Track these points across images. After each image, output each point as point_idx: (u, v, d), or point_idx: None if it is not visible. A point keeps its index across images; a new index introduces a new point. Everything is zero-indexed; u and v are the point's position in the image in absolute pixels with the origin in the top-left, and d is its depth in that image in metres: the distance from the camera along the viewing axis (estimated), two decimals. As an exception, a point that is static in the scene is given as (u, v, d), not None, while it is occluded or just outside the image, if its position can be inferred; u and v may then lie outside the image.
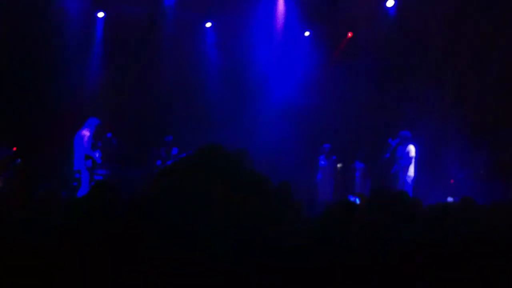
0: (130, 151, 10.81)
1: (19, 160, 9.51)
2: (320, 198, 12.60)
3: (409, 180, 10.90)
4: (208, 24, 14.07)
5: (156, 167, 11.11)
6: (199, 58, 13.80)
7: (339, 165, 13.37)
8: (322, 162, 12.89)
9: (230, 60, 13.73)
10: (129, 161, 10.84)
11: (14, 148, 9.84)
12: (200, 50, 13.93)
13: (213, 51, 14.09)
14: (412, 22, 12.87)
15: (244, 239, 2.91)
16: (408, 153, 10.91)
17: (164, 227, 2.87)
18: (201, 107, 13.36)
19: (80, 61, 12.60)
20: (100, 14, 13.20)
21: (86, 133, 9.86)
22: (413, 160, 10.92)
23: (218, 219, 3.13)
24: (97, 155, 9.76)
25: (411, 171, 10.94)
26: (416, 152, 10.96)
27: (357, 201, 8.01)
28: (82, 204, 3.25)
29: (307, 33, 14.67)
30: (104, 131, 10.03)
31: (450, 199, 10.31)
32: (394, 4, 13.27)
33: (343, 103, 13.87)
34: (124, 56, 12.81)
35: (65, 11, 12.35)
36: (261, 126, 13.02)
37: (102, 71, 12.97)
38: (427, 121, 11.97)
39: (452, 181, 12.09)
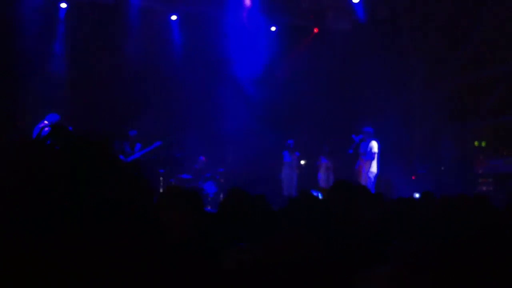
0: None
1: None
2: (284, 193, 12.67)
3: (371, 175, 11.02)
4: (174, 17, 13.94)
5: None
6: (163, 51, 13.63)
7: (303, 162, 13.45)
8: (286, 158, 12.94)
9: (195, 53, 13.61)
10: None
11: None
12: (165, 42, 13.78)
13: (178, 44, 13.97)
14: (378, 16, 13.01)
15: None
16: (371, 149, 11.02)
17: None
18: (165, 100, 13.23)
19: (43, 53, 12.34)
20: (63, 5, 12.95)
21: (45, 127, 9.66)
22: (375, 156, 11.04)
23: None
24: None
25: (374, 167, 11.05)
26: (379, 148, 11.09)
27: (320, 196, 8.05)
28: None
29: (273, 28, 14.68)
30: (65, 125, 9.82)
31: (416, 195, 10.40)
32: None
33: (308, 99, 13.94)
34: (87, 48, 12.58)
35: (28, 2, 12.06)
36: (226, 121, 12.96)
37: (65, 63, 12.73)
38: (390, 117, 12.13)
39: (413, 177, 12.29)
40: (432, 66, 12.11)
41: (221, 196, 11.80)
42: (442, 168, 12.26)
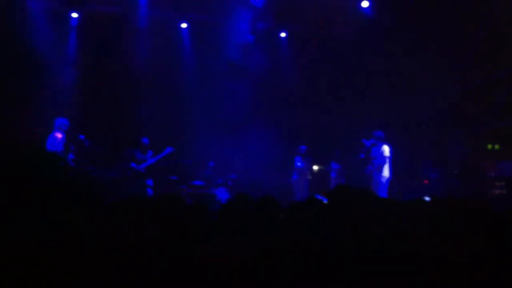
0: (103, 153, 10.69)
1: None
2: (295, 198, 12.61)
3: (383, 180, 10.91)
4: (184, 25, 14.04)
5: (131, 169, 10.99)
6: (172, 59, 13.72)
7: (315, 167, 13.40)
8: (299, 163, 12.91)
9: (205, 60, 13.67)
10: (102, 163, 10.71)
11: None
12: (174, 51, 13.86)
13: (187, 52, 14.05)
14: (386, 22, 12.99)
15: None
16: (382, 153, 10.92)
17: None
18: (175, 108, 13.31)
19: (54, 61, 12.49)
20: (74, 15, 13.12)
21: (58, 135, 9.67)
22: (387, 160, 10.94)
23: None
24: (70, 157, 9.63)
25: (386, 171, 10.94)
26: (391, 152, 11.00)
27: (324, 200, 7.95)
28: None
29: (283, 34, 14.73)
30: (77, 133, 9.90)
31: (427, 198, 10.29)
32: (369, 5, 13.35)
33: (318, 104, 13.94)
34: (98, 56, 12.72)
35: (40, 11, 12.26)
36: (237, 126, 13.00)
37: (77, 72, 12.88)
38: (399, 121, 12.08)
39: (426, 181, 12.19)
40: (440, 70, 12.05)
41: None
42: (455, 172, 12.14)
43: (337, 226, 3.10)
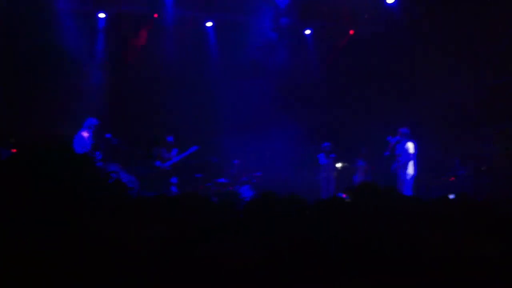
0: (129, 152, 10.81)
1: None
2: (322, 195, 12.58)
3: (408, 177, 10.81)
4: (209, 24, 14.11)
5: (156, 167, 11.11)
6: (198, 57, 13.81)
7: (338, 164, 13.34)
8: (322, 160, 12.87)
9: (231, 59, 13.72)
10: (128, 162, 10.83)
11: (14, 150, 9.79)
12: (200, 49, 13.96)
13: (213, 50, 14.12)
14: (412, 18, 12.90)
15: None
16: (407, 150, 10.81)
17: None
18: (200, 107, 13.40)
19: (81, 61, 12.69)
20: (101, 15, 13.30)
21: (85, 134, 9.81)
22: (412, 157, 10.83)
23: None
24: (98, 155, 9.76)
25: (411, 168, 10.82)
26: (416, 149, 10.88)
27: (347, 198, 7.95)
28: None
29: (307, 32, 14.71)
30: (103, 131, 10.02)
31: (451, 196, 10.21)
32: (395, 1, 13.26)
33: (343, 102, 13.89)
34: (124, 55, 12.90)
35: (68, 12, 12.46)
36: (261, 124, 13.03)
37: (102, 71, 13.05)
38: (426, 118, 11.96)
39: (452, 178, 12.06)
40: (469, 66, 11.89)
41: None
42: (483, 170, 11.96)
43: (349, 226, 3.11)
